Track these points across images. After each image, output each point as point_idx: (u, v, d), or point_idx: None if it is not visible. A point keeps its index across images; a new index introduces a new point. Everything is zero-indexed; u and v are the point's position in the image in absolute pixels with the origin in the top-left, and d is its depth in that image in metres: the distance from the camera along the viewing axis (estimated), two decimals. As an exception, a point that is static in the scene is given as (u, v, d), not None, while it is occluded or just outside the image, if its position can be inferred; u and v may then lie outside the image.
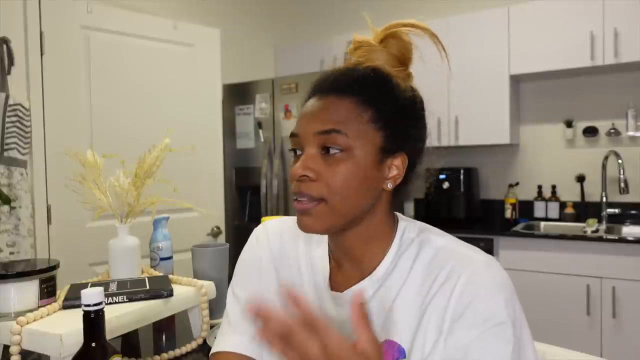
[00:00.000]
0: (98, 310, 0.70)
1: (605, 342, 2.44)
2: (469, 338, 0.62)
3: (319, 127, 0.67)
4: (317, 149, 0.67)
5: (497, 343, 0.62)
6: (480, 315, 0.63)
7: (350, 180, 0.66)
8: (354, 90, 0.68)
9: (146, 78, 2.68)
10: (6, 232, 2.08)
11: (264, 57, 3.68)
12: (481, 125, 2.99)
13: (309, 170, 0.66)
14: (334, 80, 0.70)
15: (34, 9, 2.27)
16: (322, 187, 0.66)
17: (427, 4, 3.40)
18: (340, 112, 0.67)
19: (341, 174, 0.66)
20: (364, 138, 0.67)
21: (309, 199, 0.67)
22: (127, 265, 1.20)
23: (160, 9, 2.86)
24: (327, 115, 0.67)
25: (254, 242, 0.83)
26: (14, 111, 2.11)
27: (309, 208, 0.67)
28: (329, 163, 0.66)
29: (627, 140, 2.90)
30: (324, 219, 0.67)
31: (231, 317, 0.79)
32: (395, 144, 0.69)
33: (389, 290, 0.70)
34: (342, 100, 0.68)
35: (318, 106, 0.69)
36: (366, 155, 0.67)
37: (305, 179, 0.67)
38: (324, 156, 0.67)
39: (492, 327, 0.62)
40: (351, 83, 0.69)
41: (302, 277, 0.77)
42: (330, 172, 0.66)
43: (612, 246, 2.43)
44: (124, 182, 1.20)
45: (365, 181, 0.67)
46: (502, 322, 0.63)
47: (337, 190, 0.66)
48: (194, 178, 2.82)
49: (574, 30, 2.71)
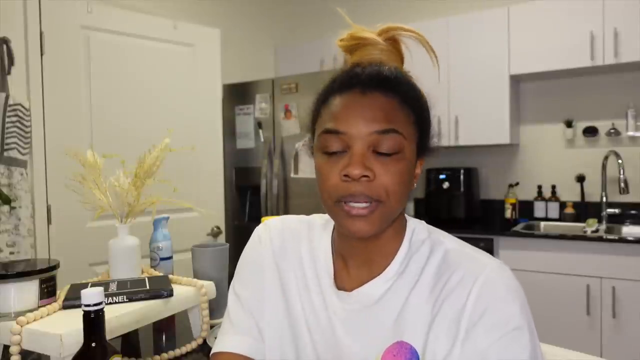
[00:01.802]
0: (98, 310, 0.70)
1: (605, 342, 2.44)
2: (487, 342, 0.62)
3: (377, 126, 0.63)
4: (369, 148, 0.64)
5: (514, 347, 0.62)
6: (498, 320, 0.62)
7: (403, 180, 0.66)
8: (397, 89, 0.66)
9: (146, 78, 2.68)
10: (6, 232, 2.08)
11: (264, 57, 3.68)
12: (481, 125, 2.99)
13: (368, 170, 0.63)
14: (376, 75, 0.66)
15: (34, 9, 2.27)
16: (380, 188, 0.63)
17: (427, 4, 3.40)
18: (395, 112, 0.65)
19: (397, 175, 0.64)
20: (410, 138, 0.67)
21: (367, 200, 0.63)
22: (127, 265, 1.20)
23: (160, 9, 2.86)
24: (382, 114, 0.64)
25: (255, 242, 0.82)
26: (14, 111, 2.11)
27: (366, 212, 0.64)
28: (383, 163, 0.64)
29: (627, 140, 2.90)
30: (380, 221, 0.65)
31: (232, 317, 0.78)
32: (424, 144, 0.70)
33: (400, 290, 0.69)
34: (389, 98, 0.65)
35: (368, 103, 0.64)
36: (412, 156, 0.68)
37: (363, 180, 0.63)
38: (376, 155, 0.64)
39: (510, 332, 0.62)
40: (392, 81, 0.67)
41: (306, 275, 0.76)
42: (386, 172, 0.64)
43: (612, 246, 2.43)
44: (124, 182, 1.20)
45: (411, 181, 0.68)
46: (520, 327, 0.62)
47: (394, 191, 0.64)
48: (194, 178, 2.83)
49: (574, 30, 2.71)
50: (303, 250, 0.78)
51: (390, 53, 0.72)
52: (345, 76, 0.68)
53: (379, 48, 0.71)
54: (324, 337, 0.72)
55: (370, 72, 0.67)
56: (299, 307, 0.75)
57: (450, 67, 3.03)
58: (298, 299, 0.75)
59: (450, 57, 3.02)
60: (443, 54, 3.05)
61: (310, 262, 0.77)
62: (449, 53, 3.03)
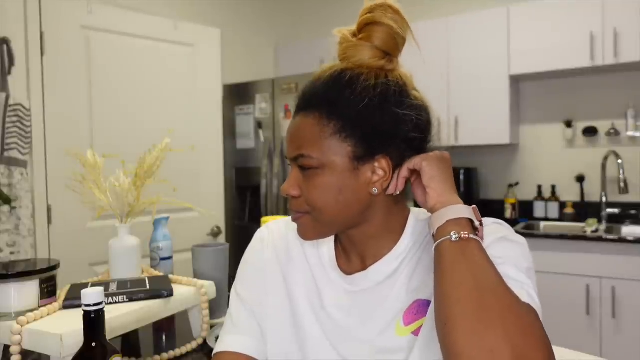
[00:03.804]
0: (98, 310, 0.70)
1: (605, 342, 2.44)
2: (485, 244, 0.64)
3: (290, 153, 0.71)
4: (297, 167, 0.71)
5: (512, 245, 0.65)
6: (491, 233, 0.66)
7: (326, 193, 0.68)
8: (316, 105, 0.69)
9: (146, 78, 2.69)
10: (6, 232, 2.09)
11: (264, 57, 3.68)
12: (481, 126, 2.99)
13: (292, 189, 0.71)
14: (302, 97, 0.72)
15: (34, 9, 2.28)
16: (304, 202, 0.70)
17: (427, 3, 3.40)
18: (305, 133, 0.69)
19: (317, 190, 0.69)
20: (331, 152, 0.67)
21: (297, 212, 0.72)
22: (127, 265, 1.20)
23: (161, 9, 2.86)
24: (294, 140, 0.71)
25: (258, 244, 0.83)
26: (14, 111, 2.11)
27: (298, 219, 0.72)
28: (307, 179, 0.70)
29: (627, 140, 2.90)
30: (313, 228, 0.72)
31: (234, 317, 0.79)
32: (369, 149, 0.67)
33: (409, 263, 0.71)
34: (308, 117, 0.69)
35: (290, 128, 0.72)
36: (339, 167, 0.67)
37: (290, 197, 0.72)
38: (303, 173, 0.70)
39: (506, 239, 0.66)
40: (313, 97, 0.70)
41: (313, 270, 0.77)
42: (308, 187, 0.69)
43: (612, 246, 2.43)
44: (124, 182, 1.20)
45: (344, 192, 0.68)
46: (518, 242, 0.67)
47: (315, 204, 0.69)
48: (194, 178, 2.83)
49: (574, 30, 2.71)
50: (308, 251, 0.79)
51: (362, 47, 0.70)
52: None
53: (349, 45, 0.71)
54: (332, 326, 0.73)
55: (299, 93, 0.73)
56: (305, 305, 0.75)
57: (450, 67, 3.03)
58: (305, 297, 0.76)
59: (450, 57, 3.02)
60: (443, 54, 3.05)
61: (316, 259, 0.78)
62: (449, 53, 3.03)
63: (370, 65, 0.69)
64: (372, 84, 0.68)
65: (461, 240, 0.59)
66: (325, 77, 0.71)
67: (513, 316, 0.54)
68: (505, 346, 0.51)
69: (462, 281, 0.57)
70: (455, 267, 0.58)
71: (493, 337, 0.52)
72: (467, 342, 0.53)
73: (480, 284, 0.56)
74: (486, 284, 0.56)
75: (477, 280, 0.56)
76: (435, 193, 0.65)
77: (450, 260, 0.59)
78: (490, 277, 0.57)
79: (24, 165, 2.16)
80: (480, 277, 0.57)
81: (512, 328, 0.52)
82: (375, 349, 0.69)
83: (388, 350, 0.68)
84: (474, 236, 0.60)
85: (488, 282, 0.56)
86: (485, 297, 0.55)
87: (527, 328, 0.53)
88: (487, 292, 0.55)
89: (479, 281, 0.56)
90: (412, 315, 0.68)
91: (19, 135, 2.13)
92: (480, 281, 0.56)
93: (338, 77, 0.69)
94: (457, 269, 0.58)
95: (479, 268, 0.58)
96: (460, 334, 0.53)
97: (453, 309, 0.55)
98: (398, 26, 0.70)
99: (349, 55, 0.71)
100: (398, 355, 0.67)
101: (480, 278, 0.57)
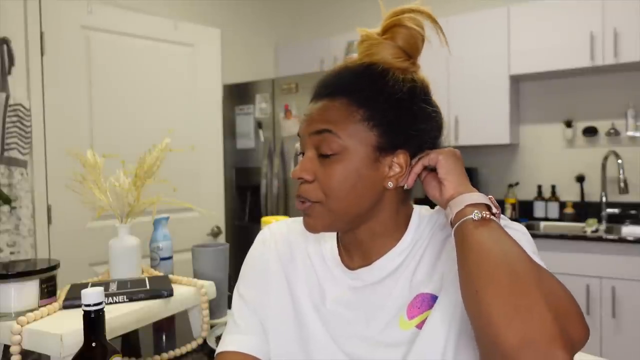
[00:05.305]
0: (98, 310, 0.70)
1: (605, 342, 2.44)
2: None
3: (313, 127, 0.69)
4: (314, 151, 0.69)
5: (515, 233, 0.65)
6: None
7: (345, 181, 0.67)
8: (345, 91, 0.69)
9: (146, 78, 2.69)
10: (6, 232, 2.09)
11: (264, 57, 3.68)
12: (481, 125, 2.99)
13: (305, 173, 0.69)
14: (329, 82, 0.72)
15: (34, 9, 2.28)
16: (318, 189, 0.68)
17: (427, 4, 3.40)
18: (332, 112, 0.68)
19: (335, 176, 0.67)
20: (356, 138, 0.67)
21: (304, 200, 0.69)
22: (127, 265, 1.20)
23: (161, 8, 2.86)
24: (319, 118, 0.69)
25: (260, 246, 0.83)
26: (14, 111, 2.11)
27: (307, 208, 0.70)
28: (324, 165, 0.68)
29: (627, 140, 2.90)
30: (323, 218, 0.69)
31: (237, 317, 0.79)
32: (392, 141, 0.68)
33: (412, 259, 0.71)
34: (334, 101, 0.69)
35: (313, 109, 0.71)
36: (361, 155, 0.67)
37: (301, 182, 0.69)
38: (320, 158, 0.69)
39: (508, 227, 0.66)
40: (342, 83, 0.70)
41: (317, 272, 0.77)
42: (325, 174, 0.68)
43: (612, 246, 2.43)
44: (124, 182, 1.20)
45: (361, 181, 0.68)
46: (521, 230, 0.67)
47: (332, 192, 0.67)
48: (194, 178, 2.83)
49: (574, 30, 2.71)
50: (311, 251, 0.79)
51: (386, 45, 0.71)
52: (314, 85, 0.74)
53: (372, 43, 0.72)
54: (335, 323, 0.73)
55: (325, 79, 0.72)
56: (308, 303, 0.75)
57: (450, 67, 3.03)
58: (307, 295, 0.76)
59: (450, 57, 3.02)
60: (443, 54, 3.04)
61: (319, 257, 0.78)
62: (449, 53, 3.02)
63: (395, 65, 0.71)
64: (401, 79, 0.70)
65: (483, 219, 0.61)
66: (354, 66, 0.71)
67: (545, 279, 0.57)
68: (542, 303, 0.53)
69: (489, 252, 0.58)
70: (481, 240, 0.59)
71: (527, 298, 0.54)
72: (502, 304, 0.54)
73: (508, 255, 0.58)
74: (514, 255, 0.58)
75: (505, 251, 0.58)
76: (452, 185, 0.66)
77: (476, 235, 0.60)
78: (516, 249, 0.58)
79: (24, 165, 2.16)
80: (507, 249, 0.58)
81: (544, 289, 0.55)
82: (378, 343, 0.69)
83: (391, 344, 0.69)
84: (494, 218, 0.62)
85: (515, 253, 0.58)
86: (516, 265, 0.56)
87: (557, 288, 0.58)
88: (516, 261, 0.57)
89: (507, 253, 0.58)
90: (416, 308, 0.69)
91: (19, 135, 2.13)
92: (507, 253, 0.58)
93: (369, 67, 0.70)
94: (483, 241, 0.59)
95: (505, 241, 0.59)
96: (494, 297, 0.55)
97: (483, 280, 0.56)
98: (421, 29, 0.73)
99: (373, 52, 0.71)
100: (401, 349, 0.68)
101: (507, 250, 0.58)
